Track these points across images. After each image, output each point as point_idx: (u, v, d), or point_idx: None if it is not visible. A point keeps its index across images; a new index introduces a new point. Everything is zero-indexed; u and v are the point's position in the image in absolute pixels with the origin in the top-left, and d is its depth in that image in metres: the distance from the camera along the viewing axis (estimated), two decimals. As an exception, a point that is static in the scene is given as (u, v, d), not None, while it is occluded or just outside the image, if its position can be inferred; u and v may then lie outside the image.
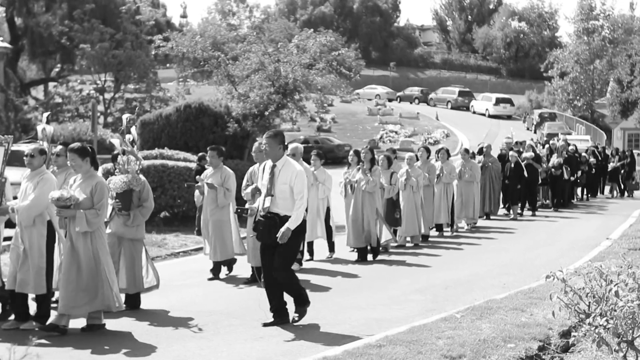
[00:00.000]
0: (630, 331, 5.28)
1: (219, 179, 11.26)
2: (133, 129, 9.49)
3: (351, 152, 14.47)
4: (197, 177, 11.85)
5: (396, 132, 49.55)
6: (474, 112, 60.01)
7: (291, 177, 8.28)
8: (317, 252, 13.30)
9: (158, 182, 18.34)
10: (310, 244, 13.15)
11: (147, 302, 9.66)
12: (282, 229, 8.06)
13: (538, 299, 9.00)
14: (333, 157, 36.67)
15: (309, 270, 12.10)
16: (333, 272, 12.09)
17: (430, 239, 15.71)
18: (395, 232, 14.80)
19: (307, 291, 9.87)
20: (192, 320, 8.82)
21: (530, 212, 20.36)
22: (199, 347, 7.63)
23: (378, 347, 7.03)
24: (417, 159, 15.80)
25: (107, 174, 18.34)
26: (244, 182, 11.11)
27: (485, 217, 19.23)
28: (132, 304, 9.29)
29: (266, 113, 22.88)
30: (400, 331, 7.68)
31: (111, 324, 8.47)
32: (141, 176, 9.28)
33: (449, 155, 17.27)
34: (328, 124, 50.52)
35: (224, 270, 11.67)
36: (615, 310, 5.21)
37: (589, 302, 5.44)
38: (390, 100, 65.17)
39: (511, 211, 19.92)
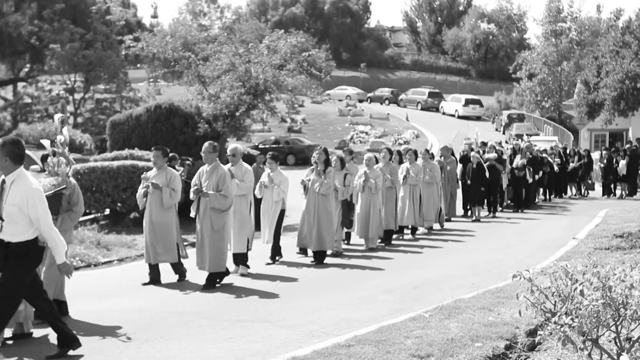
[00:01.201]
0: (595, 330, 5.32)
1: (164, 179, 10.96)
2: (65, 130, 9.03)
3: (335, 157, 14.21)
4: (142, 175, 11.42)
5: (366, 133, 49.84)
6: (444, 113, 60.54)
7: (22, 198, 6.75)
8: (259, 257, 12.89)
9: (128, 182, 18.37)
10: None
11: (115, 303, 9.67)
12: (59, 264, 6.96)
13: (505, 299, 9.05)
14: (304, 157, 36.80)
15: (270, 270, 12.18)
16: (297, 273, 12.01)
17: (394, 241, 15.54)
18: (348, 235, 14.75)
19: (275, 290, 9.99)
20: (161, 321, 8.72)
21: (492, 214, 19.99)
22: (168, 348, 7.54)
23: (347, 346, 7.04)
24: (377, 161, 15.45)
25: (77, 175, 18.41)
26: (192, 183, 10.90)
27: (446, 219, 18.77)
28: (60, 312, 8.75)
29: (237, 114, 23.06)
30: (369, 331, 7.69)
31: (77, 326, 8.34)
32: (71, 179, 8.88)
33: (416, 157, 16.99)
34: (299, 125, 50.63)
35: (172, 276, 11.20)
36: (580, 309, 5.24)
37: (555, 301, 5.47)
38: (360, 101, 65.49)
39: (474, 212, 19.53)
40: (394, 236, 15.91)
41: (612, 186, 26.20)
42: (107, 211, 19.11)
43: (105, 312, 9.22)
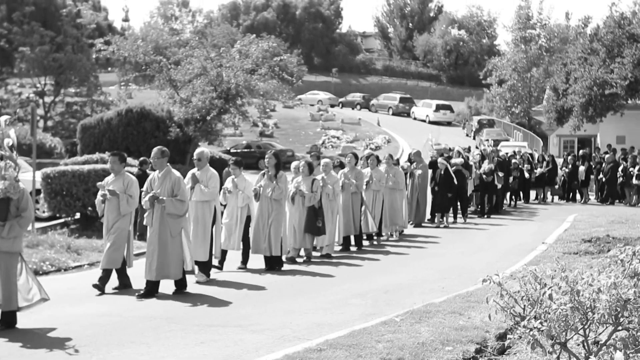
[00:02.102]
0: (564, 333, 5.35)
1: (121, 186, 10.74)
2: (12, 132, 8.80)
3: (302, 163, 14.05)
4: (98, 183, 11.17)
5: (338, 138, 50.00)
6: (415, 118, 60.85)
7: None
8: (227, 263, 12.75)
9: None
10: (224, 253, 12.63)
11: (86, 307, 9.63)
12: None
13: (475, 303, 9.09)
14: (293, 162, 36.79)
15: (240, 276, 12.12)
16: (267, 279, 11.96)
17: (362, 247, 15.33)
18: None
19: (246, 295, 9.99)
20: (132, 325, 8.69)
21: (461, 220, 19.94)
22: (139, 353, 7.52)
23: (318, 351, 7.08)
24: (335, 166, 15.26)
25: (47, 178, 18.33)
26: (144, 188, 10.72)
27: (413, 225, 18.78)
28: (8, 323, 8.54)
29: (208, 118, 23.22)
30: (341, 335, 7.72)
31: (49, 331, 8.37)
32: (20, 184, 8.55)
33: (378, 162, 16.78)
34: (270, 129, 50.66)
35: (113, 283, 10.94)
36: (549, 313, 5.26)
37: (524, 305, 5.49)
38: (332, 106, 65.67)
39: (442, 219, 19.35)
40: (365, 243, 15.71)
41: (575, 192, 26.73)
42: (78, 215, 18.99)
43: (76, 316, 9.19)
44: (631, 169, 25.30)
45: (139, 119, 23.77)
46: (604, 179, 25.64)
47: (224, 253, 12.58)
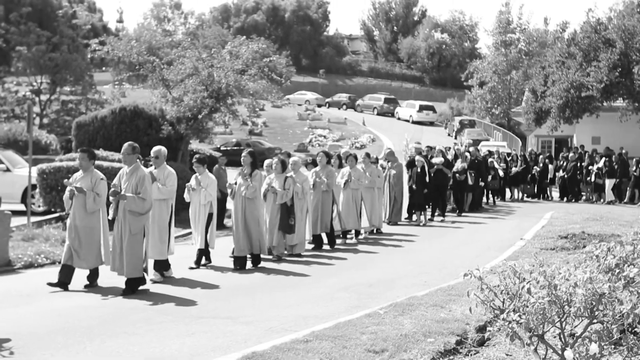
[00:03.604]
0: (541, 326, 5.40)
1: (89, 183, 10.47)
2: None
3: (275, 160, 13.81)
4: (65, 180, 10.89)
5: (324, 137, 50.36)
6: (399, 118, 61.46)
7: None
8: (221, 255, 12.82)
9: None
10: (200, 252, 12.59)
11: (79, 299, 9.76)
12: None
13: (456, 296, 9.20)
14: (264, 159, 37.15)
15: (228, 269, 12.24)
16: (252, 273, 12.05)
17: (335, 245, 15.14)
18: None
19: (236, 288, 10.12)
20: (124, 317, 8.76)
21: (440, 218, 19.89)
22: (131, 343, 7.55)
23: (305, 342, 7.12)
24: (307, 164, 15.20)
25: (42, 174, 18.66)
26: (113, 182, 10.56)
27: (390, 223, 18.72)
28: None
29: (199, 116, 23.08)
30: (326, 327, 7.78)
31: (43, 322, 8.48)
32: None
33: (357, 161, 16.64)
34: (259, 128, 50.90)
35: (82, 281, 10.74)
36: (527, 307, 5.29)
37: (504, 299, 5.52)
38: (319, 105, 66.18)
39: (418, 217, 19.30)
40: (339, 241, 15.69)
41: (547, 189, 27.68)
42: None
43: (70, 308, 9.26)
44: (590, 168, 26.37)
45: (132, 117, 23.80)
46: (565, 176, 26.66)
47: (200, 251, 12.55)
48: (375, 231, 17.45)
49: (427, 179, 19.10)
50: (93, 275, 10.73)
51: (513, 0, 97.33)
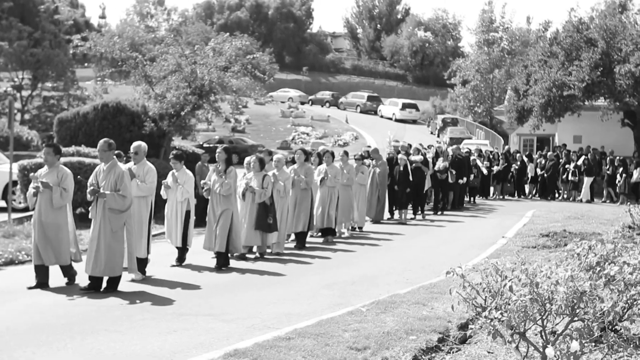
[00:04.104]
0: (523, 323, 5.41)
1: (55, 178, 10.27)
2: None
3: (253, 158, 13.71)
4: (31, 174, 10.68)
5: (307, 134, 50.51)
6: (382, 116, 61.60)
7: None
8: (200, 254, 12.67)
9: (74, 179, 18.61)
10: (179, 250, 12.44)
11: (59, 296, 9.73)
12: None
13: (439, 294, 9.28)
14: (247, 157, 37.21)
15: (209, 266, 12.17)
16: (237, 268, 12.06)
17: (310, 244, 15.02)
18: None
19: (217, 285, 10.06)
20: (105, 314, 8.74)
21: (419, 216, 19.92)
22: (112, 340, 7.54)
23: (287, 339, 7.15)
24: (288, 162, 14.99)
25: (24, 170, 18.58)
26: (89, 181, 10.34)
27: (372, 221, 18.62)
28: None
29: (182, 113, 23.01)
30: (309, 324, 7.81)
31: (23, 319, 8.43)
32: None
33: (333, 158, 16.45)
34: (242, 125, 50.96)
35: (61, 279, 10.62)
36: (509, 304, 5.31)
37: (486, 297, 5.54)
38: (302, 103, 66.26)
39: (400, 215, 19.27)
40: (320, 240, 15.60)
41: (524, 188, 28.07)
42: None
43: (50, 305, 9.25)
44: (567, 166, 26.68)
45: (115, 113, 23.79)
46: (545, 175, 26.95)
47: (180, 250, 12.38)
48: (357, 229, 17.38)
49: (411, 178, 19.12)
50: (68, 272, 10.59)
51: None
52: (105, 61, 31.95)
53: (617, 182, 25.91)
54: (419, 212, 20.14)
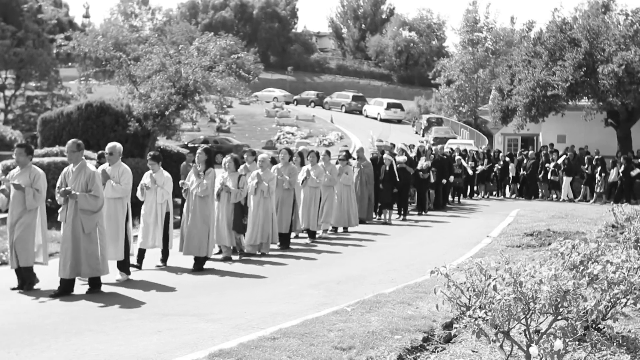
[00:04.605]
0: (507, 323, 5.42)
1: (27, 179, 10.12)
2: None
3: (228, 158, 13.47)
4: (2, 177, 10.56)
5: (292, 134, 50.46)
6: (367, 116, 61.63)
7: None
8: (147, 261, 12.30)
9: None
10: (142, 252, 12.17)
11: (43, 296, 9.71)
12: None
13: (423, 293, 9.24)
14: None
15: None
16: (220, 271, 11.98)
17: (294, 244, 14.87)
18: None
19: (202, 286, 10.00)
20: (90, 314, 8.74)
21: (402, 217, 19.70)
22: (97, 341, 7.52)
23: (272, 339, 7.12)
24: (272, 162, 14.70)
25: (7, 170, 18.45)
26: (58, 182, 10.15)
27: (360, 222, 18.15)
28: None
29: (167, 113, 22.98)
30: (294, 324, 7.79)
31: (8, 320, 8.38)
32: None
33: (318, 159, 16.30)
34: (227, 125, 50.84)
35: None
36: (493, 303, 5.31)
37: (470, 296, 5.54)
38: (287, 103, 66.19)
39: (384, 215, 19.17)
40: (303, 241, 15.42)
41: (506, 187, 28.22)
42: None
43: (34, 305, 9.25)
44: (547, 165, 26.85)
45: (99, 113, 23.70)
46: (525, 174, 27.15)
47: (142, 252, 12.16)
48: (343, 229, 17.34)
49: (398, 178, 19.02)
50: (29, 275, 10.33)
51: None
52: (89, 61, 31.94)
53: (596, 181, 26.08)
54: (403, 212, 19.93)
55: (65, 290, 9.90)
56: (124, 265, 11.05)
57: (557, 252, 5.84)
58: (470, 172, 26.02)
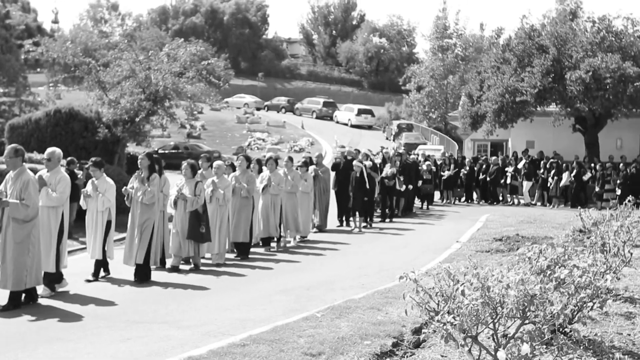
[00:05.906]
0: (475, 327, 5.44)
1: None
2: None
3: (185, 165, 13.04)
4: None
5: (263, 140, 50.35)
6: (338, 122, 61.71)
7: None
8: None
9: None
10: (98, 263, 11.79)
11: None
12: None
13: (393, 299, 9.30)
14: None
15: (165, 274, 12.03)
16: (188, 278, 11.89)
17: (252, 253, 14.58)
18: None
19: (172, 292, 9.92)
20: (59, 323, 8.67)
21: (368, 224, 19.42)
22: (65, 349, 7.46)
23: (242, 346, 7.12)
24: (233, 168, 14.60)
25: None
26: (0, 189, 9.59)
27: (316, 230, 18.27)
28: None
29: (137, 119, 22.92)
30: (264, 331, 7.80)
31: None
32: None
33: (277, 165, 16.00)
34: (198, 131, 50.56)
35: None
36: (461, 308, 5.32)
37: (438, 301, 5.55)
38: (258, 109, 66.06)
39: (353, 223, 19.05)
40: (261, 249, 15.12)
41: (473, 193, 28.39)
42: (4, 213, 18.85)
43: (2, 314, 9.12)
44: (506, 169, 27.18)
45: (68, 119, 23.49)
46: (487, 179, 27.46)
47: (97, 263, 11.73)
48: (300, 238, 16.89)
49: (368, 185, 18.85)
50: None
51: (450, 6, 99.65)
52: (58, 66, 31.63)
53: (548, 185, 26.46)
54: (368, 219, 19.62)
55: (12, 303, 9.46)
56: (50, 279, 10.40)
57: (524, 256, 5.87)
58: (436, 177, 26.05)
